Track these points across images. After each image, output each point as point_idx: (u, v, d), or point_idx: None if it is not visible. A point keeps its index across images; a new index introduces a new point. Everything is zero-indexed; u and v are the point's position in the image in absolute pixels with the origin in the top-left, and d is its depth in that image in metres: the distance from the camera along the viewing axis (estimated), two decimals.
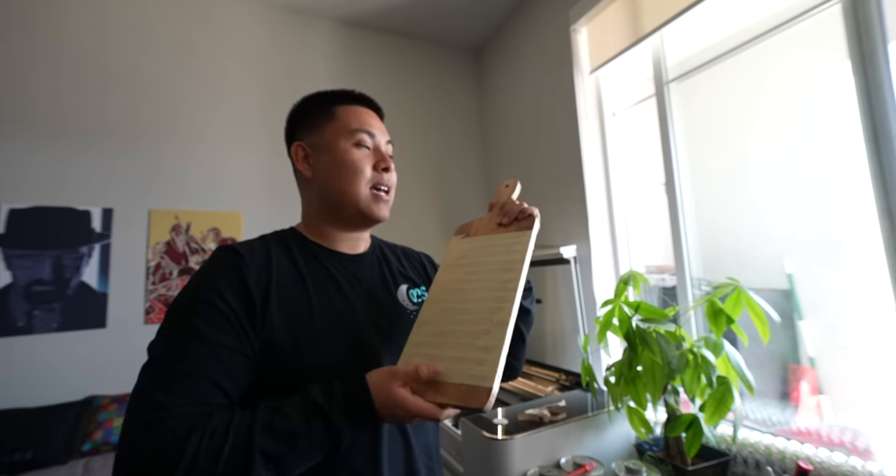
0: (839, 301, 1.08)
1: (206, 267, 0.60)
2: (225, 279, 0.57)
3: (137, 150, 1.82)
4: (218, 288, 0.56)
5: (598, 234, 1.69)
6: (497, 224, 0.70)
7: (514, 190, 0.75)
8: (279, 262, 0.64)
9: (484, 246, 0.67)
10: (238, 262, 0.59)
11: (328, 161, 0.68)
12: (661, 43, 1.50)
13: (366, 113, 0.72)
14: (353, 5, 2.17)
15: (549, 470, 1.05)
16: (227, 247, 0.63)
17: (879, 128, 0.95)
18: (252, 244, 0.65)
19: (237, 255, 0.60)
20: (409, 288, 0.76)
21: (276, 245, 0.66)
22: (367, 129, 0.70)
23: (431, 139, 2.49)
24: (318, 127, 0.70)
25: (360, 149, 0.68)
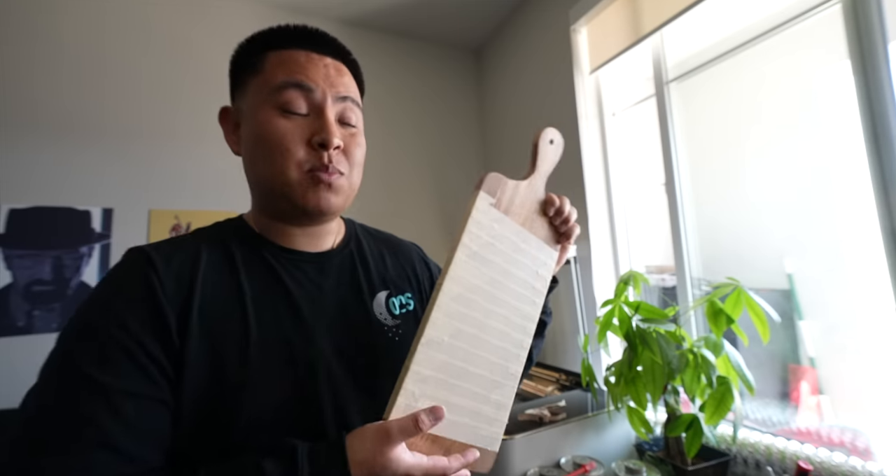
0: (839, 301, 1.08)
1: (106, 279, 0.44)
2: (126, 297, 0.41)
3: (137, 150, 1.82)
4: (115, 311, 0.40)
5: (598, 235, 1.69)
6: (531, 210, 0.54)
7: (559, 153, 0.58)
8: (208, 266, 0.47)
9: (514, 243, 0.52)
10: (146, 271, 0.43)
11: (249, 135, 0.50)
12: (661, 43, 1.50)
13: (307, 58, 0.50)
14: (353, 5, 2.17)
15: (549, 470, 1.05)
16: (137, 249, 0.46)
17: (879, 128, 0.95)
18: (176, 243, 0.48)
19: (146, 260, 0.44)
20: (390, 296, 0.58)
21: (209, 242, 0.49)
22: (298, 80, 0.48)
23: (431, 139, 2.49)
24: (244, 85, 0.51)
25: (288, 115, 0.48)
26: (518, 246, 0.52)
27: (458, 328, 0.46)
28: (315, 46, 0.52)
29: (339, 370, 0.49)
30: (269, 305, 0.48)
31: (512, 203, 0.52)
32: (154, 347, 0.41)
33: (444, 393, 0.44)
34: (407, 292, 0.61)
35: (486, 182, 0.49)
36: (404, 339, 0.56)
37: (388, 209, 2.29)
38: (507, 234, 0.51)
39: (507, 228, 0.51)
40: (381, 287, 0.58)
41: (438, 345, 0.44)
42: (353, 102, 0.54)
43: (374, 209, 2.24)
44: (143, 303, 0.42)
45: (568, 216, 0.57)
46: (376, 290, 0.57)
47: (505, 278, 0.50)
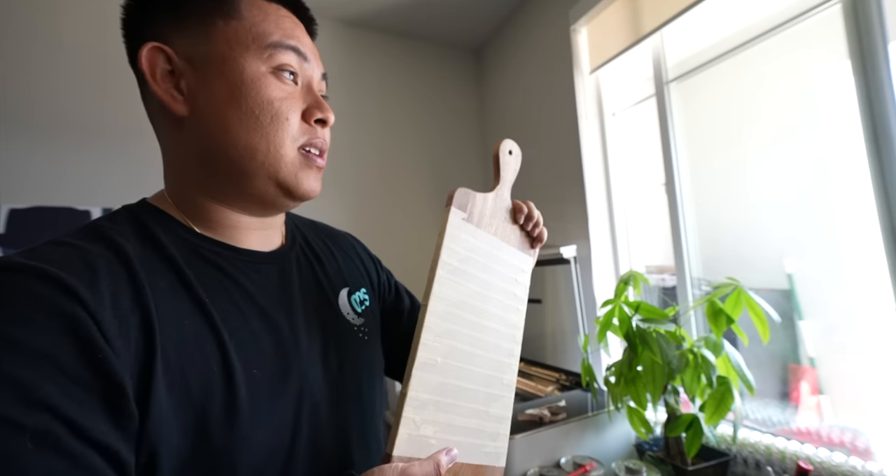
0: (839, 301, 1.08)
1: None
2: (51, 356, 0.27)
3: (137, 150, 1.82)
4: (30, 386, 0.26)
5: (598, 234, 1.69)
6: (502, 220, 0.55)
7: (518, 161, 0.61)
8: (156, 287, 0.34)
9: (490, 253, 0.52)
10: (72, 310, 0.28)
11: (224, 90, 0.38)
12: (661, 43, 1.50)
13: (291, 20, 0.43)
14: (352, 5, 2.17)
15: (549, 470, 1.05)
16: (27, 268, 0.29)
17: (879, 128, 0.95)
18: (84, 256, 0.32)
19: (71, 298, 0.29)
20: (350, 293, 0.52)
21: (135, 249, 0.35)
22: (295, 45, 0.41)
23: (431, 139, 2.49)
24: (204, 24, 0.39)
25: (282, 80, 0.40)
26: (494, 256, 0.52)
27: (450, 346, 0.44)
28: (297, 10, 0.45)
29: (322, 386, 0.43)
30: (248, 333, 0.38)
31: (483, 215, 0.53)
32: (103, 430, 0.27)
33: (445, 415, 0.42)
34: (362, 287, 0.55)
35: (455, 198, 0.49)
36: (371, 338, 0.52)
37: (387, 209, 2.29)
38: (483, 245, 0.51)
39: (482, 240, 0.51)
40: (341, 285, 0.52)
41: (432, 367, 0.42)
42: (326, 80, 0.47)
43: (374, 209, 2.24)
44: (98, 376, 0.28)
45: (537, 220, 0.57)
46: (337, 288, 0.51)
47: (487, 290, 0.50)
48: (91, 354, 0.28)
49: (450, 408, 0.43)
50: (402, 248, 2.29)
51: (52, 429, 0.25)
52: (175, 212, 0.41)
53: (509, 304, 0.52)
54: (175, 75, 0.39)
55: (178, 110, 0.39)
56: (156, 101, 0.40)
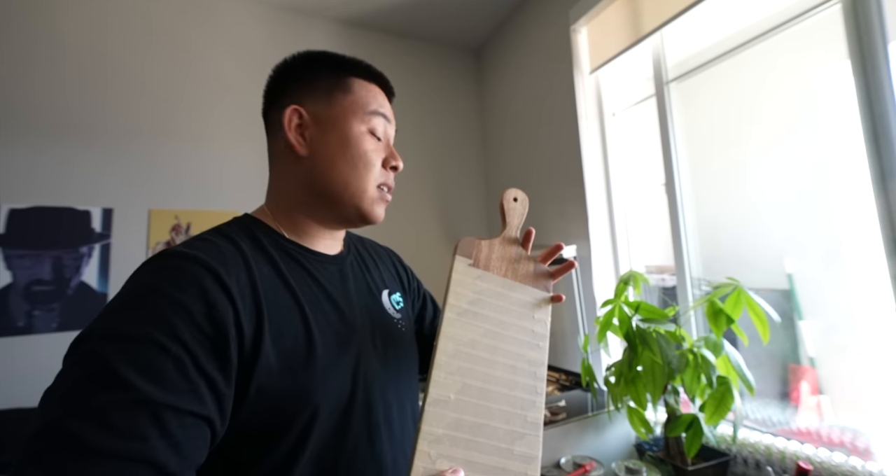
0: (839, 301, 1.08)
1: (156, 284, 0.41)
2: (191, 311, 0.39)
3: (137, 150, 1.82)
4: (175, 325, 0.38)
5: (598, 234, 1.69)
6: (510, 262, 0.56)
7: (525, 207, 0.61)
8: (261, 272, 0.47)
9: (502, 294, 0.54)
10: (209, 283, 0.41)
11: (336, 141, 0.54)
12: (661, 43, 1.50)
13: (382, 95, 0.60)
14: (352, 5, 2.17)
15: (549, 470, 1.05)
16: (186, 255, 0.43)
17: (879, 128, 0.95)
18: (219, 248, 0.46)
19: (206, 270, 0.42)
20: (390, 293, 0.65)
21: (248, 246, 0.50)
22: (384, 113, 0.58)
23: (431, 139, 2.49)
24: (328, 95, 0.55)
25: (373, 137, 0.56)
26: (508, 296, 0.54)
27: (463, 383, 0.46)
28: (385, 89, 0.61)
29: (373, 359, 0.54)
30: (318, 307, 0.51)
31: (490, 259, 0.55)
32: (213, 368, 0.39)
33: (462, 451, 0.43)
34: (397, 291, 0.67)
35: (459, 247, 0.54)
36: (407, 330, 0.64)
37: (387, 210, 2.28)
38: (493, 287, 0.54)
39: (492, 282, 0.54)
40: (383, 286, 0.65)
41: (445, 403, 0.44)
42: None
43: None
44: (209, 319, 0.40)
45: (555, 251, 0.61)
46: (381, 288, 0.64)
47: (502, 329, 0.52)
48: (212, 312, 0.41)
49: (468, 444, 0.44)
50: (402, 248, 2.29)
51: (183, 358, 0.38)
52: (271, 221, 0.56)
53: (528, 340, 0.53)
54: (302, 127, 0.55)
55: (300, 152, 0.54)
56: (284, 143, 0.55)
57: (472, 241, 0.55)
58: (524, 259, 0.58)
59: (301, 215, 0.56)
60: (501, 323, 0.52)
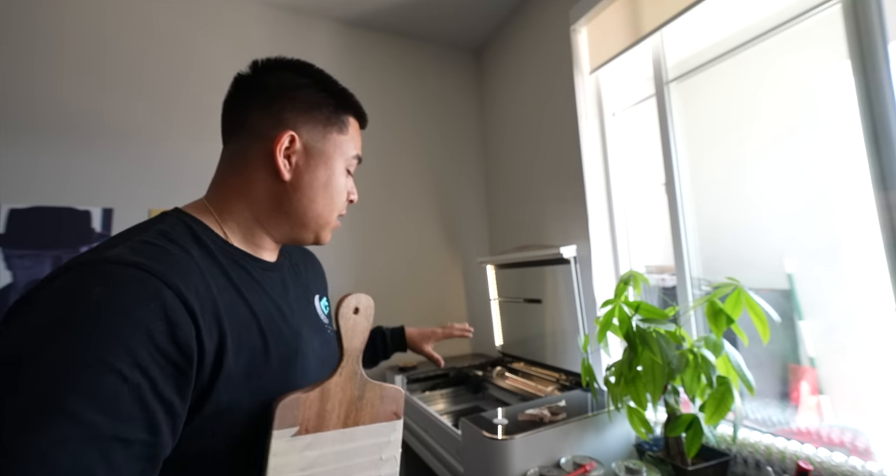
0: (839, 301, 1.08)
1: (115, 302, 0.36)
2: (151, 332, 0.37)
3: (137, 150, 1.83)
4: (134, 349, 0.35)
5: (598, 234, 1.69)
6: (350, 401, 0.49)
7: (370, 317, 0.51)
8: (218, 284, 0.46)
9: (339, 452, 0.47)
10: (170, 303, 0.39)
11: (323, 177, 0.56)
12: (661, 43, 1.50)
13: (360, 134, 0.65)
14: (353, 5, 2.17)
15: (549, 470, 1.05)
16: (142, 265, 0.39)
17: (879, 128, 0.95)
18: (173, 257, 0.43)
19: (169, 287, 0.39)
20: (320, 298, 0.68)
21: (198, 254, 0.47)
22: (360, 156, 0.63)
23: (431, 139, 2.49)
24: (324, 129, 0.57)
25: (348, 175, 0.62)
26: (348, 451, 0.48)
27: None
28: (364, 126, 0.66)
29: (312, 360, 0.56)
30: (272, 320, 0.52)
31: (324, 411, 0.47)
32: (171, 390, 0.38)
33: None
34: (325, 297, 0.71)
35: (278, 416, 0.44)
36: (333, 334, 0.66)
37: (387, 210, 2.29)
38: (329, 449, 0.47)
39: (326, 444, 0.47)
40: (315, 291, 0.68)
41: None
42: None
43: (373, 211, 2.24)
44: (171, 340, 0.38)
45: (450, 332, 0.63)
46: (313, 294, 0.67)
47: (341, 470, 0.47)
48: (175, 331, 0.38)
49: None
50: (401, 248, 2.29)
51: (141, 384, 0.36)
52: (213, 223, 0.53)
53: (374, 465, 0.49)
54: (290, 152, 0.55)
55: (284, 175, 0.54)
56: (266, 160, 0.54)
57: (293, 401, 0.45)
58: (368, 389, 0.50)
59: (258, 226, 0.56)
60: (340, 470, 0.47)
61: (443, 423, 1.40)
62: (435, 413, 1.49)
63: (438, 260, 2.39)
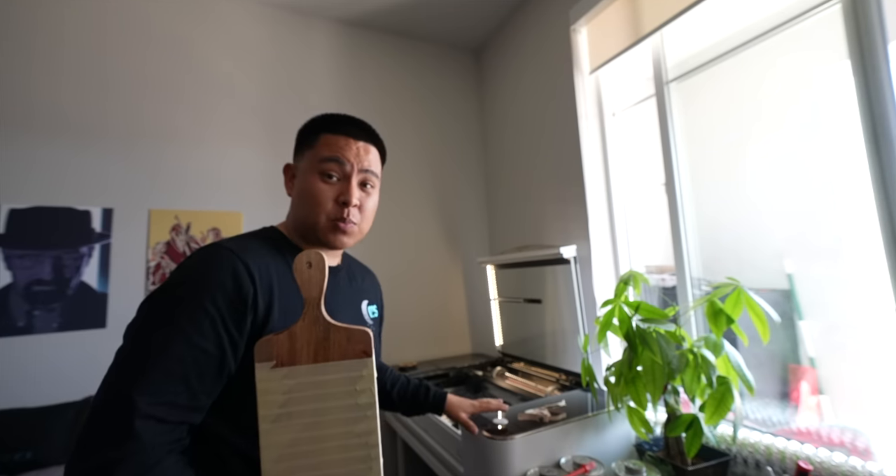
0: (839, 301, 1.08)
1: (202, 266, 0.59)
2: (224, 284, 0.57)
3: (137, 150, 1.83)
4: (213, 295, 0.56)
5: (598, 234, 1.69)
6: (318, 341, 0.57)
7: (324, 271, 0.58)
8: (278, 266, 0.65)
9: (314, 382, 0.55)
10: (240, 268, 0.59)
11: (299, 188, 0.71)
12: (661, 43, 1.50)
13: (344, 142, 0.71)
14: (353, 5, 2.17)
15: (549, 470, 1.05)
16: (224, 247, 0.62)
17: (879, 128, 0.95)
18: (249, 245, 0.64)
19: (238, 259, 0.60)
20: (369, 304, 0.82)
21: (269, 248, 0.67)
22: (337, 157, 0.69)
23: (431, 139, 2.49)
24: (301, 152, 0.73)
25: (326, 180, 0.69)
26: (322, 381, 0.56)
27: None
28: (352, 133, 0.72)
29: None
30: None
31: (294, 350, 0.56)
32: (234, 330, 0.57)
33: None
34: (374, 304, 0.83)
35: (257, 352, 0.54)
36: (376, 335, 0.81)
37: (387, 210, 2.29)
38: (304, 379, 0.55)
39: (301, 375, 0.55)
40: (364, 296, 0.81)
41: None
42: (373, 173, 0.74)
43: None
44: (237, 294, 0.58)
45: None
46: (362, 298, 0.80)
47: (321, 416, 0.55)
48: (239, 289, 0.58)
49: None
50: (401, 248, 2.29)
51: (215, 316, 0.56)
52: (288, 233, 0.74)
53: (352, 416, 0.56)
54: (289, 176, 0.75)
55: (289, 193, 0.75)
56: None
57: (267, 341, 0.55)
58: (333, 331, 0.57)
59: (299, 237, 0.73)
60: (320, 411, 0.55)
61: (443, 423, 1.40)
62: None
63: (438, 260, 2.39)
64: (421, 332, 2.29)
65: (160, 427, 0.50)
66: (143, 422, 0.49)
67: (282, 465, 0.52)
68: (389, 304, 2.12)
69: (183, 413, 0.53)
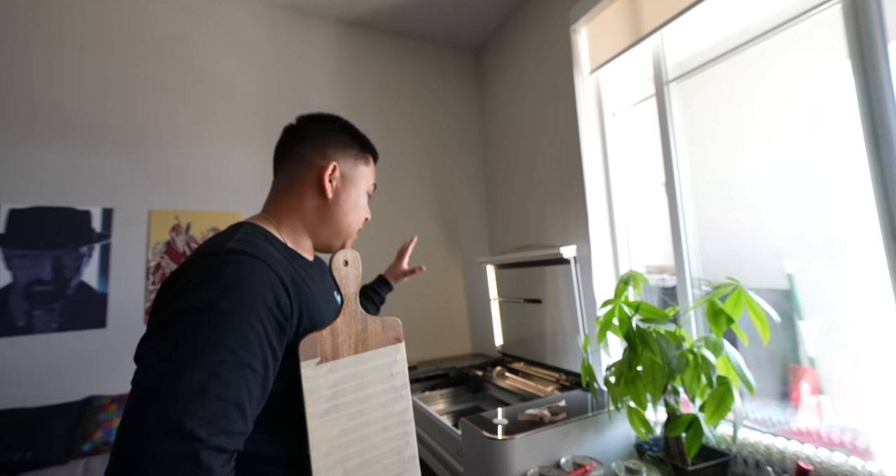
0: (839, 301, 1.08)
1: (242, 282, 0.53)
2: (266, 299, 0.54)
3: (138, 150, 1.83)
4: (258, 311, 0.52)
5: (598, 234, 1.69)
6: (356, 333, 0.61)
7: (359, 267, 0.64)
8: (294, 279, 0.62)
9: (357, 372, 0.59)
10: (277, 282, 0.56)
11: (354, 198, 0.74)
12: (661, 43, 1.50)
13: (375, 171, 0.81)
14: (353, 5, 2.17)
15: (549, 470, 1.05)
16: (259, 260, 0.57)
17: (879, 128, 0.95)
18: (270, 252, 0.60)
19: (273, 271, 0.56)
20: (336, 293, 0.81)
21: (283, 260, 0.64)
22: (375, 185, 0.80)
23: (431, 139, 2.49)
24: (355, 162, 0.75)
25: (368, 199, 0.78)
26: (363, 371, 0.59)
27: (343, 469, 0.55)
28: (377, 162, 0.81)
29: None
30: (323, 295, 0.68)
31: (336, 345, 0.59)
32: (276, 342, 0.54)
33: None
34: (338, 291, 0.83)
35: (302, 351, 0.57)
36: None
37: (387, 209, 2.29)
38: (347, 371, 0.58)
39: (345, 367, 0.58)
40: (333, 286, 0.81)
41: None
42: None
43: (373, 211, 2.24)
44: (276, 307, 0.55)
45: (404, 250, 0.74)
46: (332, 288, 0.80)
47: (364, 403, 0.58)
48: (279, 301, 0.55)
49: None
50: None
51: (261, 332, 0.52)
52: (274, 230, 0.69)
53: (391, 397, 0.60)
54: (333, 177, 0.72)
55: (328, 194, 0.71)
56: (316, 182, 0.71)
57: (311, 339, 0.58)
58: (369, 322, 0.62)
59: (304, 232, 0.73)
60: (364, 399, 0.58)
61: (443, 423, 1.40)
62: (435, 413, 1.49)
63: (438, 260, 2.39)
64: (421, 332, 2.29)
65: (223, 457, 0.47)
66: (208, 453, 0.45)
67: (332, 458, 0.54)
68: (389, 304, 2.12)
69: (238, 440, 0.50)
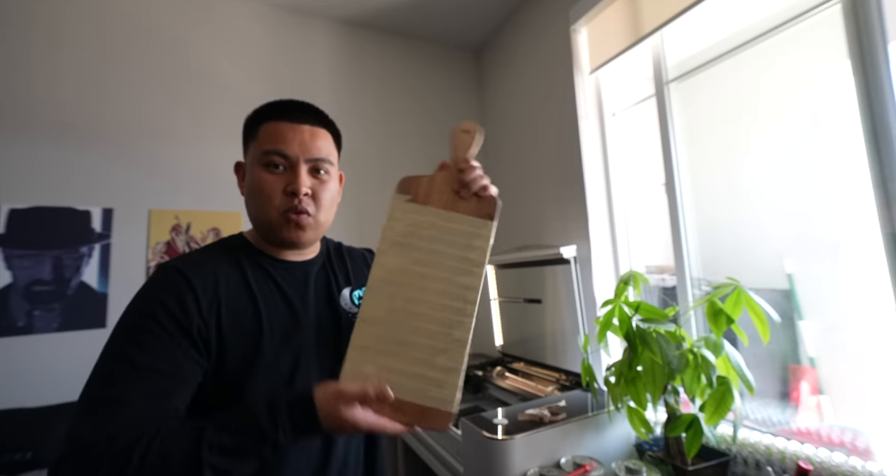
0: (839, 301, 1.08)
1: (147, 289, 0.59)
2: (166, 303, 0.56)
3: (137, 150, 1.83)
4: (155, 313, 0.56)
5: (598, 234, 1.69)
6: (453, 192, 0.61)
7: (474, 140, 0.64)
8: (228, 278, 0.63)
9: (437, 225, 0.59)
10: (181, 284, 0.58)
11: (248, 184, 0.67)
12: (661, 43, 1.50)
13: (288, 128, 0.65)
14: (353, 5, 2.17)
15: (549, 470, 1.05)
16: (171, 266, 0.61)
17: (879, 128, 0.95)
18: (198, 260, 0.63)
19: (181, 275, 0.59)
20: (353, 290, 0.75)
21: (224, 258, 0.65)
22: (278, 148, 0.63)
23: (431, 139, 2.49)
24: (246, 147, 0.69)
25: (272, 171, 0.64)
26: (444, 227, 0.59)
27: (391, 306, 0.55)
28: (296, 118, 0.66)
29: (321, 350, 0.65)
30: (273, 306, 0.64)
31: (430, 192, 0.61)
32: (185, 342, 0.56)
33: (385, 359, 0.53)
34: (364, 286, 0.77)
35: (399, 184, 0.60)
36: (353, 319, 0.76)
37: (386, 210, 2.28)
38: (430, 219, 0.59)
39: (429, 215, 0.59)
40: (346, 284, 0.75)
41: (373, 320, 0.55)
42: (324, 159, 0.67)
43: (373, 210, 2.24)
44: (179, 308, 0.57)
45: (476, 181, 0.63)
46: (342, 287, 0.74)
47: (433, 256, 0.58)
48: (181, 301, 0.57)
49: (391, 354, 0.53)
50: None
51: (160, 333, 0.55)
52: (254, 239, 0.70)
53: (461, 267, 0.58)
54: (239, 174, 0.71)
55: (242, 192, 0.70)
56: None
57: (410, 178, 0.61)
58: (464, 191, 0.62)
59: (259, 236, 0.70)
60: (433, 251, 0.58)
61: None
62: None
63: None
64: None
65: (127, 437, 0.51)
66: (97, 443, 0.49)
67: (385, 288, 0.56)
68: None
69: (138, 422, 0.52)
